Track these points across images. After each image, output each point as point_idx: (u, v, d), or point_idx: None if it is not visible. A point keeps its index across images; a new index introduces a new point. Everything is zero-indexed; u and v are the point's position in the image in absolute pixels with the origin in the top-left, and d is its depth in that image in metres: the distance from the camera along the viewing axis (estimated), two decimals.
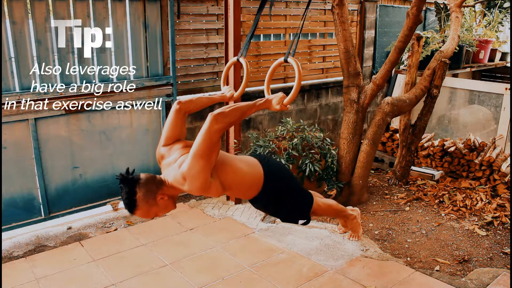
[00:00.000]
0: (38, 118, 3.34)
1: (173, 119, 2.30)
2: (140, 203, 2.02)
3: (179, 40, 4.00)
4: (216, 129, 1.96)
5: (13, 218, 3.38)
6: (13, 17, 3.10)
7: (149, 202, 2.04)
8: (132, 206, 2.02)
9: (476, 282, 2.78)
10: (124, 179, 2.00)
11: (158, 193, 2.06)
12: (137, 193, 2.00)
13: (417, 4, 3.47)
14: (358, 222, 3.08)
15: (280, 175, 2.47)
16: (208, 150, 1.98)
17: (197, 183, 2.01)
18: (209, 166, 2.02)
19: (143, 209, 2.04)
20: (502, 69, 6.36)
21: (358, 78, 3.82)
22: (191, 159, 1.99)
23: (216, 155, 2.04)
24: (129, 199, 2.00)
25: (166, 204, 2.11)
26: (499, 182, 4.16)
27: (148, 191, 2.03)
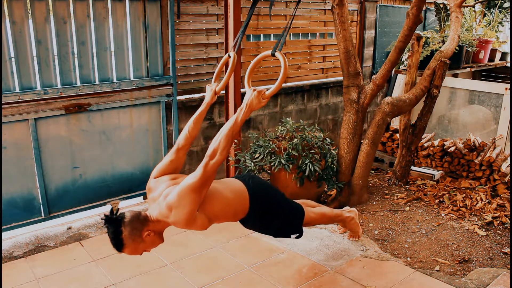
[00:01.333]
0: (38, 118, 3.34)
1: (172, 158, 2.36)
2: (127, 241, 2.02)
3: (179, 40, 4.00)
4: (213, 165, 2.01)
5: (13, 218, 3.38)
6: (13, 17, 3.10)
7: (136, 240, 2.04)
8: (119, 245, 2.03)
9: (476, 282, 2.78)
10: (108, 219, 2.00)
11: (143, 230, 2.06)
12: (123, 232, 2.00)
13: (417, 4, 3.47)
14: (357, 222, 3.12)
15: (265, 194, 2.47)
16: (202, 185, 2.02)
17: (183, 215, 2.02)
18: (199, 201, 2.05)
19: (130, 247, 2.05)
20: (502, 69, 6.36)
21: (358, 78, 3.82)
22: (181, 191, 2.01)
23: (206, 190, 2.06)
24: (115, 239, 2.00)
25: (153, 240, 2.11)
26: (499, 182, 4.16)
27: (134, 229, 2.02)
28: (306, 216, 2.67)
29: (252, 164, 3.76)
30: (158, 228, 2.12)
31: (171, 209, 2.03)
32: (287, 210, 2.59)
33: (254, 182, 2.45)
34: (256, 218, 2.44)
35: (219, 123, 4.44)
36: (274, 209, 2.50)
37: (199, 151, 4.39)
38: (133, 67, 3.75)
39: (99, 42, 3.52)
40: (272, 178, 4.00)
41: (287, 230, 2.64)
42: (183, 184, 2.03)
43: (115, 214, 2.02)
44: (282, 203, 2.57)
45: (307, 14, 5.01)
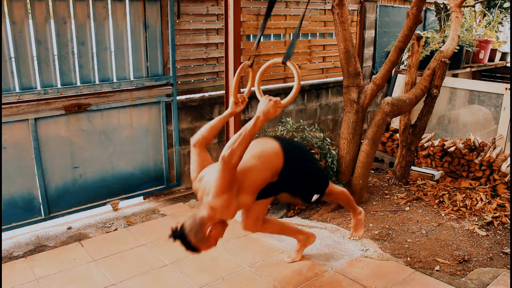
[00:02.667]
0: (38, 118, 3.34)
1: (195, 155, 2.48)
2: (198, 244, 2.27)
3: (179, 40, 4.00)
4: (231, 166, 2.12)
5: (13, 218, 3.38)
6: (13, 17, 3.10)
7: (203, 240, 2.27)
8: (194, 250, 2.30)
9: (476, 282, 2.78)
10: (175, 236, 2.27)
11: (205, 230, 2.26)
12: (191, 241, 2.25)
13: (417, 4, 3.47)
14: (362, 220, 3.27)
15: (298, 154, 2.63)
16: (228, 184, 2.16)
17: (225, 210, 2.21)
18: (233, 194, 2.21)
19: (204, 246, 2.30)
20: (502, 69, 6.36)
21: (358, 78, 3.82)
22: (214, 194, 2.18)
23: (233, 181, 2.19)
24: (188, 247, 2.28)
25: (217, 231, 2.32)
26: (499, 182, 4.16)
27: (197, 233, 2.25)
28: (330, 185, 2.86)
29: None
30: (215, 221, 2.28)
31: (212, 208, 2.21)
32: (316, 170, 2.80)
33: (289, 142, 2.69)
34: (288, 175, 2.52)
35: None
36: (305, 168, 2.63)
37: None
38: (133, 67, 3.75)
39: (99, 42, 3.52)
40: None
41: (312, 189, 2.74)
42: (213, 190, 2.18)
43: (177, 230, 2.26)
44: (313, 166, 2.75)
45: (307, 14, 5.01)
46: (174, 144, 4.14)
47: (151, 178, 4.07)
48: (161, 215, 3.79)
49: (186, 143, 4.28)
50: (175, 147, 4.15)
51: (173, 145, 4.15)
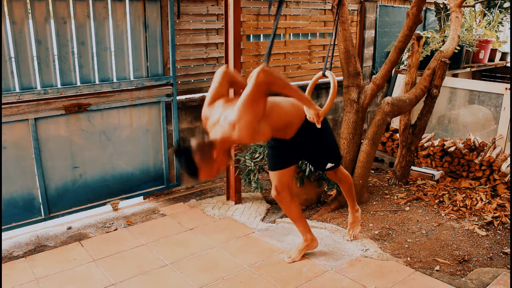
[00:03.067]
0: (38, 118, 3.34)
1: (218, 83, 2.43)
2: (201, 165, 2.19)
3: (179, 40, 4.00)
4: (262, 81, 2.14)
5: (13, 218, 3.38)
6: (13, 17, 3.10)
7: (208, 162, 2.21)
8: (194, 171, 2.20)
9: (476, 282, 2.78)
10: (178, 151, 2.20)
11: (213, 151, 2.22)
12: (195, 158, 2.17)
13: (417, 4, 3.47)
14: (359, 218, 3.33)
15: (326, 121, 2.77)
16: (255, 100, 2.17)
17: (246, 130, 2.20)
18: (257, 116, 2.21)
19: (205, 170, 2.22)
20: (502, 69, 6.35)
21: (358, 78, 3.82)
22: (239, 109, 2.18)
23: (263, 108, 2.23)
24: (190, 166, 2.18)
25: (222, 158, 2.28)
26: (499, 182, 4.16)
27: (204, 153, 2.20)
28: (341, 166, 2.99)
29: (252, 164, 3.76)
30: (224, 147, 2.29)
31: (234, 126, 2.19)
32: (334, 140, 2.88)
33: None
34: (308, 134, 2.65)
35: None
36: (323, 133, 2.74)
37: None
38: (133, 67, 3.75)
39: (99, 42, 3.52)
40: None
41: (329, 156, 2.88)
42: (239, 102, 2.18)
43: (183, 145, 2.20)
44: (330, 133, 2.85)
45: (307, 14, 5.01)
46: (174, 144, 4.14)
47: (151, 178, 4.07)
48: (161, 215, 3.79)
49: (186, 143, 4.27)
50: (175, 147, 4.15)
51: (173, 145, 4.15)
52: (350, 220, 3.31)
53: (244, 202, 4.04)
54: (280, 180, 2.87)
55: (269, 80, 2.17)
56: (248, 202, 4.04)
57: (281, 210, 3.84)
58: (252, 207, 3.95)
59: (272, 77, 2.18)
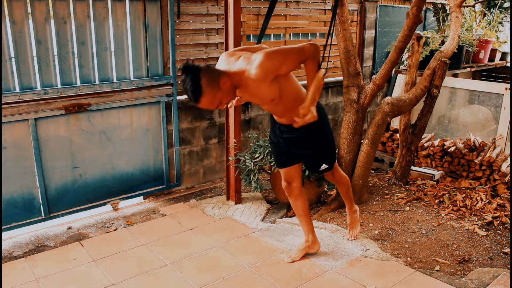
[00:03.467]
0: (38, 118, 3.34)
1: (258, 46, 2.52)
2: (206, 88, 2.13)
3: (179, 40, 4.00)
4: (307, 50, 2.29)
5: (13, 218, 3.38)
6: (13, 17, 3.10)
7: (213, 87, 2.17)
8: (197, 92, 2.12)
9: (476, 282, 2.78)
10: (187, 67, 2.12)
11: (220, 78, 2.19)
12: (202, 79, 2.11)
13: (417, 4, 3.47)
14: (358, 218, 3.33)
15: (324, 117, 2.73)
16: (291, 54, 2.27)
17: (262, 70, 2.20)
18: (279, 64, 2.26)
19: (208, 95, 2.15)
20: (502, 69, 6.35)
21: (358, 78, 3.82)
22: (274, 49, 2.27)
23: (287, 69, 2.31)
24: (194, 85, 2.10)
25: (228, 90, 2.24)
26: (499, 182, 4.16)
27: (211, 76, 2.15)
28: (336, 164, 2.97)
29: (252, 164, 3.76)
30: (234, 81, 2.27)
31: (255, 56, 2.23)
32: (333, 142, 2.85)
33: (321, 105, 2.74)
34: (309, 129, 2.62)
35: (219, 123, 4.44)
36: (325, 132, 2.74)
37: (199, 151, 4.39)
38: (133, 67, 3.75)
39: (99, 42, 3.52)
40: (272, 178, 4.00)
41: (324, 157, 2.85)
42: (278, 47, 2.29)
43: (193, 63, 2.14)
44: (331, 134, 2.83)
45: (307, 14, 5.01)
46: (174, 144, 4.14)
47: (151, 178, 4.07)
48: (161, 215, 3.79)
49: (186, 143, 4.28)
50: (175, 147, 4.15)
51: (173, 145, 4.15)
52: (349, 221, 3.31)
53: (244, 202, 4.04)
54: (287, 173, 2.93)
55: (312, 54, 2.28)
56: (248, 202, 4.04)
57: (281, 210, 3.84)
58: (252, 207, 3.95)
59: (316, 55, 2.30)
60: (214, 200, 4.10)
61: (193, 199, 4.13)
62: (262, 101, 2.48)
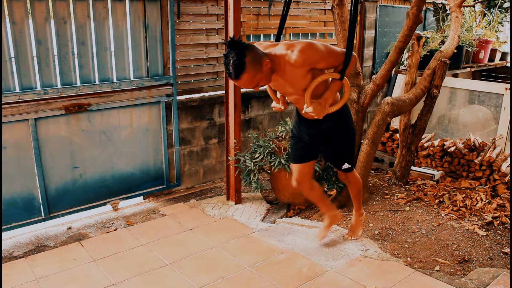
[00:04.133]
0: (38, 118, 3.34)
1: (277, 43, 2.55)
2: (249, 65, 2.15)
3: (179, 40, 4.00)
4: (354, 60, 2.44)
5: (13, 218, 3.38)
6: (13, 17, 3.10)
7: (256, 66, 2.20)
8: (240, 68, 2.14)
9: (476, 282, 2.78)
10: (233, 42, 2.13)
11: (263, 58, 2.22)
12: (246, 56, 2.14)
13: (417, 4, 3.47)
14: (362, 221, 3.34)
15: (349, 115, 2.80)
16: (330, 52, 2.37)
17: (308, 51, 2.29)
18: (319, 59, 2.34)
19: (250, 73, 2.18)
20: (502, 69, 6.35)
21: (358, 78, 3.82)
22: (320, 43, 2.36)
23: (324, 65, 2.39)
24: (239, 60, 2.12)
25: (267, 72, 2.28)
26: (499, 182, 4.16)
27: (256, 55, 2.19)
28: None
29: (252, 164, 3.76)
30: (273, 64, 2.30)
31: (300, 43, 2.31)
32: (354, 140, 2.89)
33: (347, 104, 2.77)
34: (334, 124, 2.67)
35: (219, 123, 4.44)
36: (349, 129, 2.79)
37: (199, 151, 4.39)
38: (133, 67, 3.75)
39: (99, 42, 3.52)
40: (272, 178, 4.00)
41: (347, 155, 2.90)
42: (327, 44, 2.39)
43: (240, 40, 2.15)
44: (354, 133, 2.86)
45: (307, 14, 5.01)
46: (174, 144, 4.14)
47: (151, 178, 4.07)
48: (161, 215, 3.79)
49: (186, 143, 4.28)
50: (175, 147, 4.15)
51: (173, 145, 4.15)
52: (353, 222, 3.30)
53: (244, 202, 4.04)
54: (300, 172, 2.96)
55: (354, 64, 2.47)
56: (248, 202, 4.04)
57: (281, 210, 3.84)
58: (252, 207, 3.95)
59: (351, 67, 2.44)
60: (214, 200, 4.10)
61: (193, 199, 4.13)
62: (293, 89, 2.50)
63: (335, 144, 2.81)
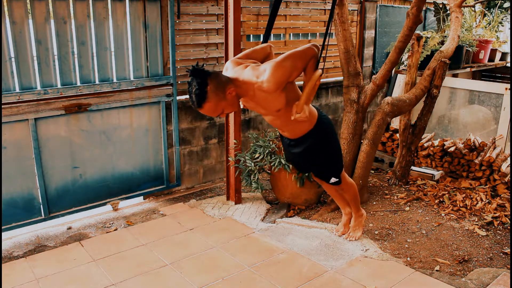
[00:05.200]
0: (38, 118, 3.34)
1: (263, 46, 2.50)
2: (211, 95, 2.07)
3: (179, 40, 4.00)
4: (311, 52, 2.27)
5: (13, 218, 3.38)
6: (13, 17, 3.10)
7: (219, 95, 2.11)
8: (202, 98, 2.06)
9: (476, 282, 2.78)
10: (195, 70, 2.05)
11: (228, 86, 2.13)
12: (209, 85, 2.05)
13: (417, 4, 3.47)
14: (362, 223, 3.34)
15: (329, 129, 2.69)
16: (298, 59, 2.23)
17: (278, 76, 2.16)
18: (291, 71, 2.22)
19: (212, 102, 2.10)
20: (502, 69, 6.35)
21: (358, 78, 3.82)
22: (283, 57, 2.20)
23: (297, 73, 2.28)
24: (200, 89, 2.04)
25: (233, 100, 2.19)
26: (499, 182, 4.16)
27: (219, 83, 2.10)
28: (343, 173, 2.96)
29: (252, 164, 3.76)
30: (239, 91, 2.22)
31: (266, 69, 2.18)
32: (339, 152, 2.83)
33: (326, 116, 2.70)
34: (313, 142, 2.61)
35: (219, 123, 4.44)
36: (330, 144, 2.71)
37: (199, 151, 4.39)
38: (133, 67, 3.75)
39: (99, 42, 3.52)
40: (272, 178, 4.00)
41: (331, 170, 2.86)
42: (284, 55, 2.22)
43: (202, 67, 2.07)
44: (337, 144, 2.80)
45: (307, 14, 5.01)
46: (174, 144, 4.14)
47: (151, 178, 4.07)
48: (161, 215, 3.79)
49: (186, 143, 4.28)
50: (175, 147, 4.15)
51: (173, 145, 4.15)
52: (353, 223, 3.31)
53: (244, 202, 4.04)
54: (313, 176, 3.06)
55: (316, 55, 2.27)
56: (248, 202, 4.04)
57: (281, 210, 3.84)
58: (252, 207, 3.95)
59: (317, 56, 2.29)
60: (214, 200, 4.10)
61: (193, 199, 4.13)
62: (267, 111, 2.43)
63: (317, 162, 2.77)
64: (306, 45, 2.30)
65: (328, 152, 2.73)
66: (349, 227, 3.35)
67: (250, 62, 2.36)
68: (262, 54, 2.48)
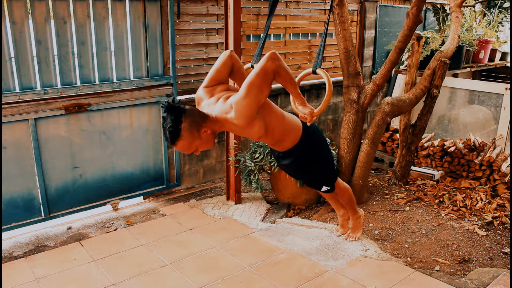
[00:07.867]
0: (38, 118, 3.34)
1: (223, 61, 2.31)
2: (185, 133, 2.02)
3: (179, 40, 4.00)
4: (270, 68, 2.04)
5: (13, 218, 3.38)
6: (13, 17, 3.10)
7: (193, 133, 2.06)
8: (175, 135, 2.02)
9: (476, 282, 2.78)
10: (170, 107, 2.00)
11: (202, 125, 2.08)
12: (183, 123, 2.01)
13: (417, 4, 3.47)
14: (361, 223, 3.32)
15: (316, 137, 2.62)
16: (260, 84, 2.04)
17: (244, 112, 2.06)
18: (258, 101, 2.08)
19: (186, 140, 2.05)
20: (502, 69, 6.36)
21: (358, 78, 3.82)
22: (244, 89, 2.04)
23: (266, 95, 2.12)
24: (174, 127, 2.00)
25: (208, 139, 2.13)
26: (499, 182, 4.16)
27: (194, 122, 2.05)
28: (338, 179, 2.92)
29: (252, 164, 3.76)
30: (215, 127, 2.16)
31: (232, 107, 2.07)
32: (329, 160, 2.76)
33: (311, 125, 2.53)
34: (300, 154, 2.55)
35: None
36: (319, 153, 2.65)
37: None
38: (133, 67, 3.75)
39: (99, 42, 3.52)
40: (272, 178, 4.00)
41: (322, 179, 2.82)
42: (244, 83, 2.05)
43: (177, 104, 2.01)
44: (327, 153, 2.74)
45: (307, 14, 5.01)
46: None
47: (151, 178, 4.07)
48: (161, 215, 3.79)
49: None
50: None
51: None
52: (351, 225, 3.30)
53: (244, 202, 4.04)
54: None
55: (277, 68, 2.05)
56: (248, 202, 4.04)
57: (281, 210, 3.84)
58: (252, 207, 3.95)
59: (280, 66, 2.06)
60: (214, 200, 4.10)
61: (193, 199, 4.13)
62: (249, 137, 2.38)
63: (307, 172, 2.74)
64: (261, 62, 2.06)
65: (317, 163, 2.69)
66: (348, 228, 3.34)
67: (220, 90, 2.28)
68: (226, 69, 2.33)
